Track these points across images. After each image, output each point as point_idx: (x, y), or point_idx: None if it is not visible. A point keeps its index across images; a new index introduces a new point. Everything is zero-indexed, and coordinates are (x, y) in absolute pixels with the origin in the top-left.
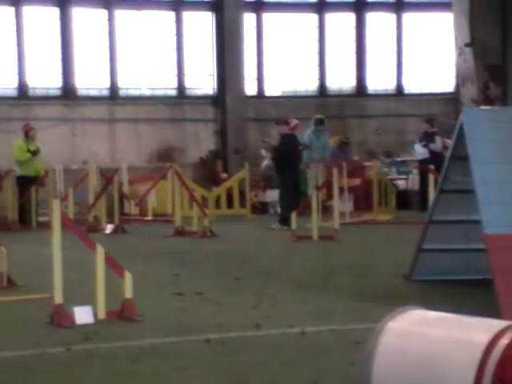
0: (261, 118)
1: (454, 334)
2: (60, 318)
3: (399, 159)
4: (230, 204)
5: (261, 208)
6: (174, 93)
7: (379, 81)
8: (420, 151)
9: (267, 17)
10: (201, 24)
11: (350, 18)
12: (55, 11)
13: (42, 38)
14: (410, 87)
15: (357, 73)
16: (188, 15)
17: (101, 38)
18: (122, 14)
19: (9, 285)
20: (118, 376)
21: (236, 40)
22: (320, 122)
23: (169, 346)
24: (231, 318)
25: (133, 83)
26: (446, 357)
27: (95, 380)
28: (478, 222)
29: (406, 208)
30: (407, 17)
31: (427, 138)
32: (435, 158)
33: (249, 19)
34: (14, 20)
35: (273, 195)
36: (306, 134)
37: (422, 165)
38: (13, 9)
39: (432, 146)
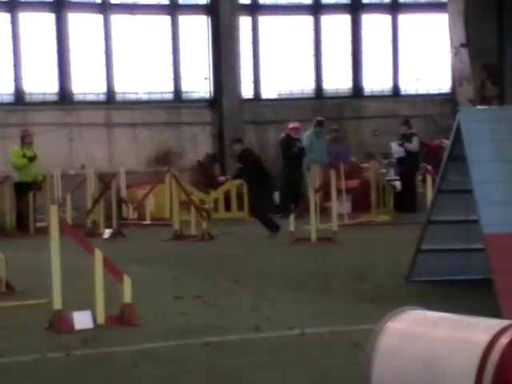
0: (258, 120)
1: (454, 334)
2: (59, 323)
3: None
4: (227, 207)
5: None
6: (170, 96)
7: (375, 82)
8: (395, 149)
9: (263, 20)
10: (196, 27)
11: (345, 19)
12: (51, 17)
13: (38, 43)
14: (406, 88)
15: (353, 74)
16: (184, 19)
17: (97, 43)
18: (117, 19)
19: (8, 290)
20: (117, 381)
21: (232, 43)
22: (320, 123)
23: (169, 350)
24: (231, 320)
25: (129, 87)
26: (446, 357)
27: None
28: (476, 222)
29: (404, 209)
30: (403, 18)
31: (404, 139)
32: (411, 157)
33: (244, 22)
34: (9, 26)
35: None
36: (305, 136)
37: (400, 165)
38: (8, 15)
39: (408, 146)
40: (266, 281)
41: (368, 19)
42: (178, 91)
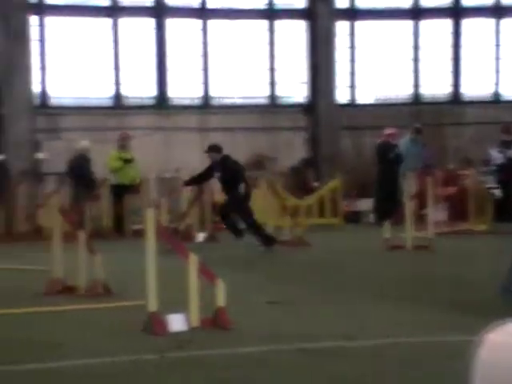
0: (353, 126)
1: None
2: (154, 325)
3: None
4: (321, 213)
5: (353, 217)
6: (266, 101)
7: (476, 88)
8: (495, 156)
9: (360, 24)
10: (293, 32)
11: (446, 24)
12: (151, 22)
13: (137, 48)
14: (507, 94)
15: (453, 80)
16: (281, 23)
17: (194, 48)
18: (214, 24)
19: (105, 292)
20: None
21: (329, 48)
22: (418, 131)
23: (262, 355)
24: (324, 327)
25: (225, 92)
26: None
27: None
28: None
29: (503, 218)
30: (505, 22)
31: (504, 146)
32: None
33: (342, 27)
34: (110, 31)
35: (365, 204)
36: (402, 143)
37: (499, 172)
38: (110, 20)
39: (508, 153)
40: (360, 288)
41: (469, 24)
42: (273, 96)
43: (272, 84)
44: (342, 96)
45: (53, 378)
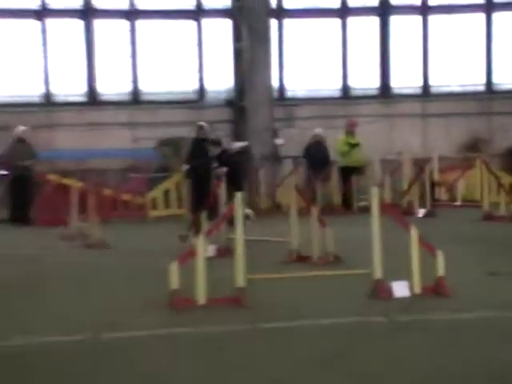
0: None
1: None
2: (379, 291)
3: None
4: None
5: None
6: (482, 88)
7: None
8: None
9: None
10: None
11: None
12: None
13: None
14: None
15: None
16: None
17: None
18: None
19: (335, 261)
20: (437, 343)
21: None
22: None
23: (478, 322)
24: None
25: (443, 81)
26: None
27: (415, 351)
28: None
29: None
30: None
31: None
32: None
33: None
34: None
35: None
36: None
37: None
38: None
39: None
40: None
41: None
42: (490, 83)
43: (489, 73)
44: None
45: (295, 335)
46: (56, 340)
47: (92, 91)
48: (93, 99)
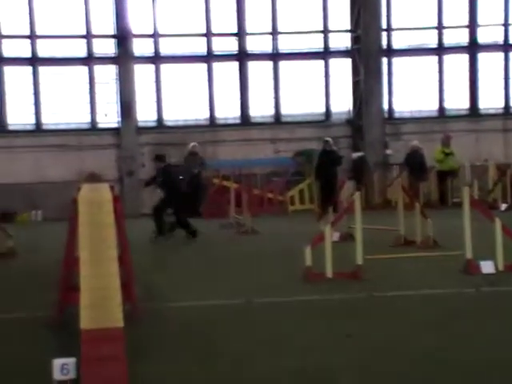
0: None
1: None
2: (470, 268)
3: None
4: None
5: None
6: None
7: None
8: None
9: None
10: None
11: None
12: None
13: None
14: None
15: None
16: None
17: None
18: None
19: (434, 245)
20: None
21: None
22: None
23: None
24: None
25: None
26: None
27: (501, 314)
28: None
29: None
30: None
31: None
32: None
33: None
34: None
35: None
36: None
37: None
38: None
39: None
40: None
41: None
42: None
43: None
44: None
45: (402, 303)
46: (218, 303)
47: (244, 114)
48: (245, 121)
